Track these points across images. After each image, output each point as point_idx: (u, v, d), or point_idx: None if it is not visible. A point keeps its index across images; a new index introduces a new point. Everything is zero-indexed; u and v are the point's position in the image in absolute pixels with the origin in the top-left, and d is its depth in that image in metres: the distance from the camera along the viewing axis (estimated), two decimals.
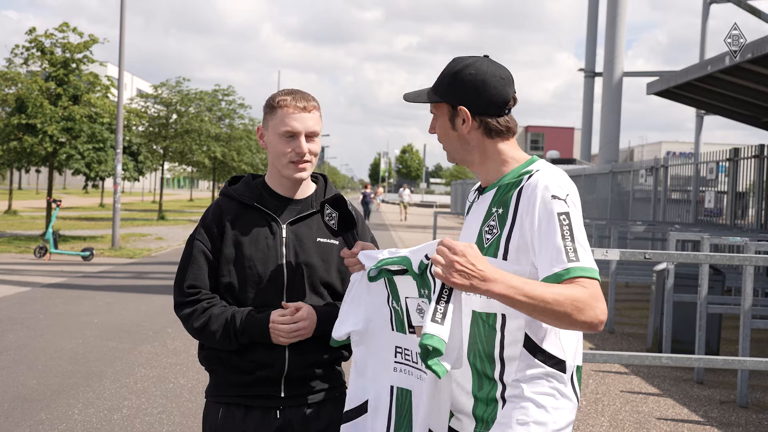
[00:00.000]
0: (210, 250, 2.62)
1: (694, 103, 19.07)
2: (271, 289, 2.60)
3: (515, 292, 1.97)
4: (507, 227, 2.17)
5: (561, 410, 2.18)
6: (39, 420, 5.74)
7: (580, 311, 1.99)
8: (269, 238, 2.62)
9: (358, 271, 2.45)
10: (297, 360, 2.59)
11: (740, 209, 14.34)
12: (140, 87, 78.87)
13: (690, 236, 9.02)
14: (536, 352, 2.18)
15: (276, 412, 2.60)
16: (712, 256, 5.47)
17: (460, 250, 1.98)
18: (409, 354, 2.32)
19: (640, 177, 18.25)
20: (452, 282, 1.98)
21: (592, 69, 36.77)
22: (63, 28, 20.20)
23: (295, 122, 2.59)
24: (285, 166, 2.63)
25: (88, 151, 20.04)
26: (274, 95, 2.65)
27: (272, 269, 2.60)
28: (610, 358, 5.15)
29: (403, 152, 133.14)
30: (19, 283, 12.69)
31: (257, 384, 2.59)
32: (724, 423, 6.30)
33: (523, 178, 2.20)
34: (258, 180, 2.74)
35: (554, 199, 2.09)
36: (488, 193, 2.29)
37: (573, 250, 2.05)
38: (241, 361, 2.58)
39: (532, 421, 2.14)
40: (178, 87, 33.78)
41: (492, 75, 2.24)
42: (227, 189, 2.73)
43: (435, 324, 1.99)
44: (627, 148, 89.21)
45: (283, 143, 2.60)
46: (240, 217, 2.64)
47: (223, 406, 2.62)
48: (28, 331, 8.86)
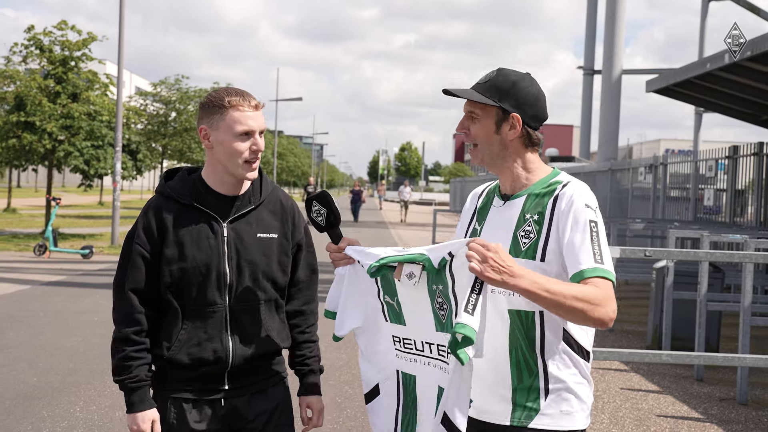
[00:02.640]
0: (149, 252, 2.63)
1: (693, 101, 19.08)
2: (213, 287, 2.65)
3: (538, 288, 2.15)
4: (544, 232, 2.35)
5: (589, 396, 2.44)
6: (41, 417, 5.75)
7: (594, 309, 2.19)
8: (211, 237, 2.64)
9: (344, 265, 2.55)
10: (239, 355, 2.66)
11: (739, 207, 14.35)
12: (139, 85, 78.80)
13: (689, 234, 9.03)
14: (572, 345, 2.38)
15: (221, 401, 2.68)
16: (712, 253, 5.49)
17: (494, 248, 2.15)
18: (410, 343, 2.44)
19: (639, 175, 18.27)
20: (486, 276, 2.13)
21: (591, 67, 36.75)
22: (62, 25, 20.17)
23: (251, 121, 2.62)
24: (239, 166, 2.63)
25: (87, 149, 20.03)
26: (219, 95, 2.63)
27: (215, 269, 2.64)
28: (610, 356, 5.16)
29: (402, 150, 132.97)
30: (19, 281, 12.69)
31: (201, 380, 2.67)
32: (723, 420, 6.32)
33: (556, 187, 2.40)
34: (195, 175, 2.73)
35: (587, 208, 2.33)
36: (517, 200, 2.45)
37: (599, 253, 2.28)
38: (186, 359, 2.63)
39: (575, 411, 2.38)
40: (177, 85, 33.79)
41: (542, 93, 2.49)
42: (164, 188, 2.72)
43: (467, 314, 2.14)
44: (626, 145, 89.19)
45: (239, 142, 2.61)
46: (180, 217, 2.65)
47: (170, 399, 2.67)
48: (29, 329, 8.86)
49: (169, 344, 2.63)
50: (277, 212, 2.78)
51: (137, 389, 2.61)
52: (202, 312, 2.64)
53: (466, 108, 2.47)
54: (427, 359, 2.40)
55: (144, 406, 2.62)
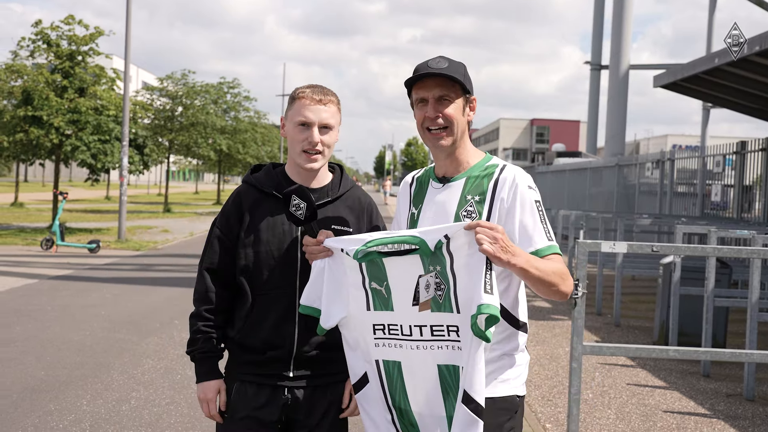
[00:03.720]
0: (226, 236, 2.79)
1: (700, 96, 19.02)
2: (284, 272, 2.74)
3: (530, 266, 2.35)
4: (485, 212, 2.51)
5: (525, 365, 2.62)
6: (48, 411, 5.78)
7: (563, 282, 2.45)
8: (286, 224, 2.75)
9: (322, 258, 2.60)
10: (306, 341, 2.74)
11: (747, 202, 14.31)
12: (145, 79, 78.91)
13: (697, 229, 9.00)
14: (509, 318, 2.54)
15: (284, 390, 2.75)
16: (720, 249, 5.45)
17: (501, 229, 2.31)
18: (396, 328, 2.49)
19: (647, 170, 18.22)
20: (496, 256, 2.27)
21: (598, 62, 36.61)
22: (69, 20, 20.22)
23: (310, 113, 2.73)
24: (298, 155, 2.76)
25: (94, 143, 20.06)
26: (297, 88, 2.80)
27: (288, 254, 2.74)
28: (617, 351, 5.15)
29: (408, 145, 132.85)
30: (26, 275, 12.74)
31: (268, 363, 2.75)
32: (730, 416, 6.30)
33: (494, 170, 2.57)
34: (278, 169, 2.88)
35: (530, 189, 2.52)
36: (457, 182, 2.59)
37: (548, 231, 2.50)
38: (254, 341, 2.74)
39: (511, 378, 2.55)
40: (183, 80, 33.80)
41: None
42: (249, 177, 2.87)
43: (488, 294, 2.27)
44: (633, 141, 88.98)
45: (298, 133, 2.75)
46: (259, 205, 2.79)
47: (237, 383, 2.79)
48: (36, 323, 8.89)
49: (240, 326, 2.77)
50: (355, 208, 2.87)
51: (204, 360, 2.80)
52: (271, 296, 2.74)
53: (439, 92, 2.54)
54: (414, 343, 2.46)
55: (210, 376, 2.80)
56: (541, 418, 6.03)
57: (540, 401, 6.49)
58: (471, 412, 2.32)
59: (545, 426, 5.86)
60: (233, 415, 2.78)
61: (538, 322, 9.95)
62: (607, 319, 10.60)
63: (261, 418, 2.74)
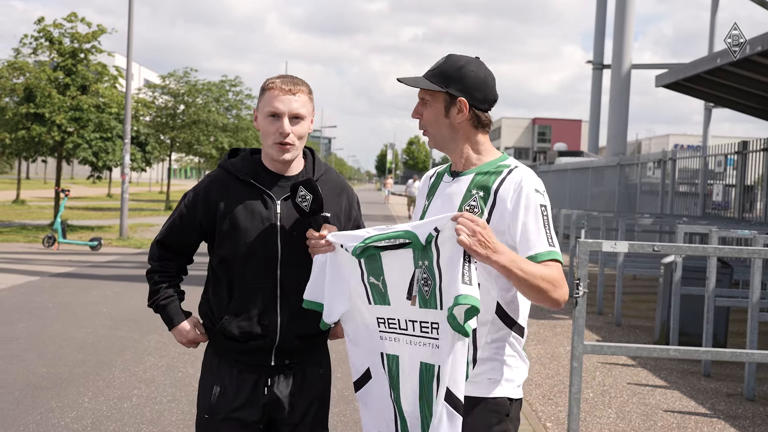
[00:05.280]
0: (187, 216, 2.80)
1: (702, 96, 19.02)
2: (264, 262, 2.71)
3: (514, 266, 2.29)
4: (487, 209, 2.48)
5: (521, 369, 2.56)
6: (49, 408, 5.79)
7: (554, 290, 2.35)
8: (263, 213, 2.71)
9: (324, 252, 2.59)
10: (288, 331, 2.73)
11: (748, 202, 14.30)
12: (147, 77, 78.87)
13: (698, 229, 9.01)
14: (505, 319, 2.50)
15: (264, 388, 2.75)
16: (721, 248, 5.45)
17: (482, 224, 2.27)
18: (394, 322, 2.48)
19: (648, 170, 18.21)
20: (473, 249, 2.24)
21: (600, 61, 36.63)
22: (71, 17, 20.21)
23: (279, 103, 2.68)
24: (270, 147, 2.73)
25: (96, 141, 20.08)
26: (268, 78, 2.76)
27: (267, 244, 2.71)
28: (618, 350, 5.16)
29: (410, 144, 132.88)
30: (28, 273, 12.76)
31: (249, 353, 2.75)
32: (731, 416, 6.31)
33: (504, 169, 2.53)
34: (256, 156, 2.84)
35: (537, 193, 2.47)
36: (465, 176, 2.57)
37: (551, 236, 2.43)
38: (235, 330, 2.72)
39: (502, 379, 2.50)
40: (185, 77, 33.77)
41: (490, 76, 2.57)
42: (225, 162, 2.82)
43: (466, 285, 2.23)
44: (635, 140, 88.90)
45: (269, 124, 2.71)
46: (236, 193, 2.74)
47: (222, 357, 2.80)
48: (37, 320, 8.91)
49: (221, 316, 2.74)
50: (331, 192, 2.84)
51: (167, 305, 2.83)
52: (253, 286, 2.72)
53: (419, 95, 2.58)
54: (409, 338, 2.45)
55: (179, 318, 2.84)
56: (541, 417, 6.04)
57: (541, 400, 6.50)
58: (451, 407, 2.31)
59: (546, 425, 5.86)
60: (214, 416, 2.76)
61: (540, 321, 9.96)
62: (608, 318, 10.61)
63: (242, 419, 2.73)
